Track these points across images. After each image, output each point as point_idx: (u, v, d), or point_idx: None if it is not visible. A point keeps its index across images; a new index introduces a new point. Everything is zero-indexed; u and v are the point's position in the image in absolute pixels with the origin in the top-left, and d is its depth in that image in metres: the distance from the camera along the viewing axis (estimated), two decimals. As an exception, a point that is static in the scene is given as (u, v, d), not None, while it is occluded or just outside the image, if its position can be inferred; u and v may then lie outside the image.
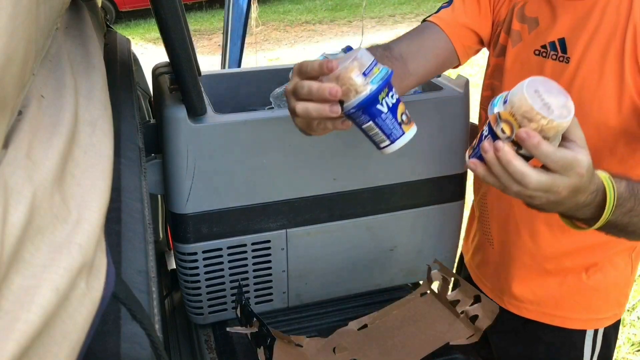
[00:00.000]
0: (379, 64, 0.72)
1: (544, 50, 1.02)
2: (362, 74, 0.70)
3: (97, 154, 0.49)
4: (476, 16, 1.11)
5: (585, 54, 0.96)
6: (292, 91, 0.75)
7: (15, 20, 0.32)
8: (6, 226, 0.30)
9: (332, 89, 0.70)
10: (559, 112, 0.67)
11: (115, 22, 8.28)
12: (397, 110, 0.74)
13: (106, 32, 1.31)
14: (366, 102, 0.71)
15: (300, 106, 0.73)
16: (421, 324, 1.16)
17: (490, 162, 0.70)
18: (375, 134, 0.75)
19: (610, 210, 0.76)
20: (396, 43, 1.07)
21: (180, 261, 1.18)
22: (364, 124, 0.74)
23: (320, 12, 9.09)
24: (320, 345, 1.10)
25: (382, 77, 0.71)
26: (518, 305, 1.21)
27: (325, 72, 0.71)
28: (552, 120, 0.66)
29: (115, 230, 0.61)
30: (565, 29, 0.99)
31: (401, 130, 0.75)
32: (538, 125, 0.67)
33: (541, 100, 0.67)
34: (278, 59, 6.62)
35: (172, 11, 0.88)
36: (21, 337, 0.30)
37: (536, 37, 1.03)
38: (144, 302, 0.52)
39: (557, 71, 0.99)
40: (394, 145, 0.76)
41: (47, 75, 0.49)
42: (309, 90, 0.72)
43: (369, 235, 1.27)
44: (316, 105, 0.72)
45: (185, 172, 1.08)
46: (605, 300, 1.16)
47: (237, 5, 2.56)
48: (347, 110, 0.72)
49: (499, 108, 0.69)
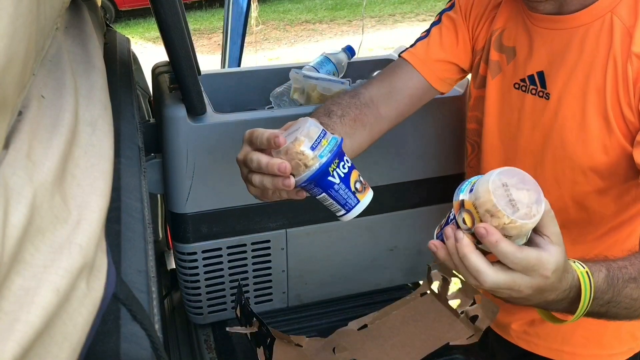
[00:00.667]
0: (328, 134, 0.72)
1: (524, 84, 0.97)
2: (310, 147, 0.70)
3: (97, 154, 0.49)
4: (454, 48, 1.06)
5: (565, 89, 0.91)
6: (243, 161, 0.75)
7: (16, 20, 0.32)
8: (6, 227, 0.30)
9: (281, 166, 0.70)
10: (526, 212, 0.62)
11: (114, 21, 8.28)
12: (349, 179, 0.73)
13: (106, 31, 1.30)
14: (316, 176, 0.71)
15: (257, 178, 0.74)
16: (421, 324, 1.16)
17: (450, 250, 0.67)
18: (330, 204, 0.75)
19: (583, 310, 0.71)
20: (366, 88, 1.03)
21: (179, 261, 1.18)
22: (318, 195, 0.74)
23: (320, 11, 9.09)
24: (320, 345, 1.10)
25: (331, 149, 0.71)
26: (526, 339, 1.13)
27: (273, 147, 0.71)
28: (515, 221, 0.61)
29: (115, 230, 0.61)
30: (544, 62, 0.93)
31: (356, 199, 0.74)
32: (500, 223, 0.62)
33: (507, 196, 0.62)
34: (278, 58, 6.61)
35: (172, 10, 0.88)
36: (21, 338, 0.29)
37: (515, 69, 0.98)
38: (144, 302, 0.52)
39: (538, 108, 0.95)
40: (350, 214, 0.75)
41: (47, 76, 0.49)
42: (259, 165, 0.72)
43: (369, 235, 1.27)
44: (271, 179, 0.72)
45: (185, 172, 1.08)
46: (616, 335, 1.07)
47: (237, 5, 2.56)
48: (298, 184, 0.72)
49: (464, 195, 0.65)
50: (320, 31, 8.14)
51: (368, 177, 1.21)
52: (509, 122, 1.01)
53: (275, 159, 0.71)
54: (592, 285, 0.70)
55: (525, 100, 0.97)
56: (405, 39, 1.64)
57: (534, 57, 0.95)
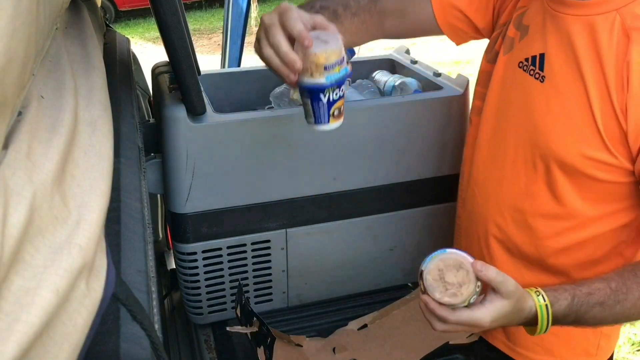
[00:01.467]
0: (343, 62, 0.81)
1: (526, 65, 0.96)
2: (324, 66, 0.79)
3: (97, 155, 0.49)
4: (474, 3, 1.07)
5: (558, 75, 0.91)
6: (266, 28, 0.81)
7: (15, 21, 0.32)
8: (6, 227, 0.30)
9: (296, 63, 0.78)
10: (453, 292, 0.80)
11: (114, 21, 8.28)
12: (334, 104, 0.84)
13: (105, 31, 1.30)
14: (314, 89, 0.81)
15: (268, 53, 0.81)
16: (421, 323, 1.16)
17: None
18: (307, 109, 0.85)
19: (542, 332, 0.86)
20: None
21: (179, 261, 1.18)
22: (303, 97, 0.84)
23: (319, 11, 9.07)
24: (320, 345, 1.10)
25: (338, 78, 0.81)
26: (493, 334, 1.14)
27: (298, 43, 0.78)
28: (442, 298, 0.80)
29: (115, 230, 0.61)
30: (547, 45, 0.93)
31: (327, 119, 0.85)
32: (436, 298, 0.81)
33: (440, 279, 0.81)
34: (278, 58, 6.60)
35: (172, 10, 0.88)
36: (21, 339, 0.29)
37: (522, 48, 0.98)
38: (144, 302, 0.52)
39: (531, 89, 0.95)
40: (316, 127, 0.86)
41: (47, 76, 0.49)
42: (277, 47, 0.79)
43: (369, 235, 1.27)
44: (279, 62, 0.80)
45: (184, 172, 1.08)
46: (567, 347, 1.07)
47: (236, 5, 2.56)
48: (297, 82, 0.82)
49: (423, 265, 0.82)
50: (320, 31, 8.12)
51: (368, 177, 1.22)
52: (507, 101, 1.01)
53: (292, 53, 0.79)
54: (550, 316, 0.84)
55: (524, 81, 0.97)
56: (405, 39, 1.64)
57: (541, 38, 0.95)
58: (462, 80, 1.26)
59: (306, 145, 1.14)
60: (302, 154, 1.14)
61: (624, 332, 2.36)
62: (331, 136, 1.11)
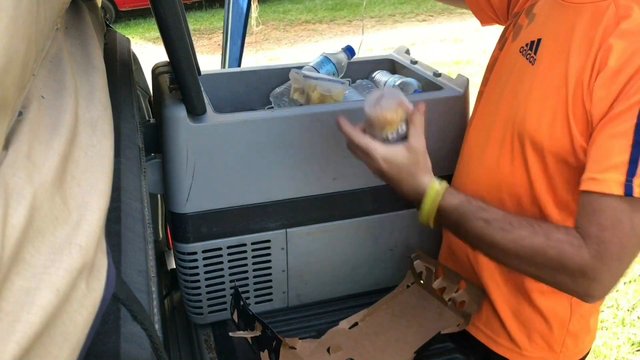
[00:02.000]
0: None
1: (525, 49, 0.99)
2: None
3: (97, 155, 0.49)
4: None
5: (547, 59, 0.92)
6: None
7: (16, 21, 0.32)
8: (6, 227, 0.30)
9: None
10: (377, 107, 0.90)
11: (115, 22, 8.28)
12: None
13: (106, 31, 1.31)
14: None
15: None
16: (411, 317, 1.16)
17: None
18: None
19: (425, 213, 0.91)
20: None
21: (179, 261, 1.18)
22: None
23: (320, 11, 9.09)
24: (314, 347, 1.10)
25: None
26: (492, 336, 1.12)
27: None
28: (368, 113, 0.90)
29: (115, 230, 0.61)
30: (547, 30, 0.96)
31: None
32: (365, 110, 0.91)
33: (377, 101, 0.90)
34: (278, 59, 6.61)
35: (172, 10, 0.88)
36: (21, 339, 0.30)
37: (527, 34, 1.01)
38: (144, 302, 0.52)
39: (524, 70, 0.97)
40: None
41: (47, 76, 0.49)
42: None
43: (369, 235, 1.27)
44: None
45: (185, 172, 1.08)
46: (527, 336, 1.05)
47: (237, 5, 2.56)
48: None
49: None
50: (320, 31, 8.14)
51: (368, 177, 1.22)
52: (503, 83, 1.03)
53: None
54: (435, 201, 0.89)
55: (519, 63, 0.99)
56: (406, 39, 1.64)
57: (542, 24, 0.98)
58: (462, 80, 1.26)
59: (306, 146, 1.14)
60: (302, 154, 1.14)
61: (624, 332, 2.36)
62: (331, 136, 1.11)
